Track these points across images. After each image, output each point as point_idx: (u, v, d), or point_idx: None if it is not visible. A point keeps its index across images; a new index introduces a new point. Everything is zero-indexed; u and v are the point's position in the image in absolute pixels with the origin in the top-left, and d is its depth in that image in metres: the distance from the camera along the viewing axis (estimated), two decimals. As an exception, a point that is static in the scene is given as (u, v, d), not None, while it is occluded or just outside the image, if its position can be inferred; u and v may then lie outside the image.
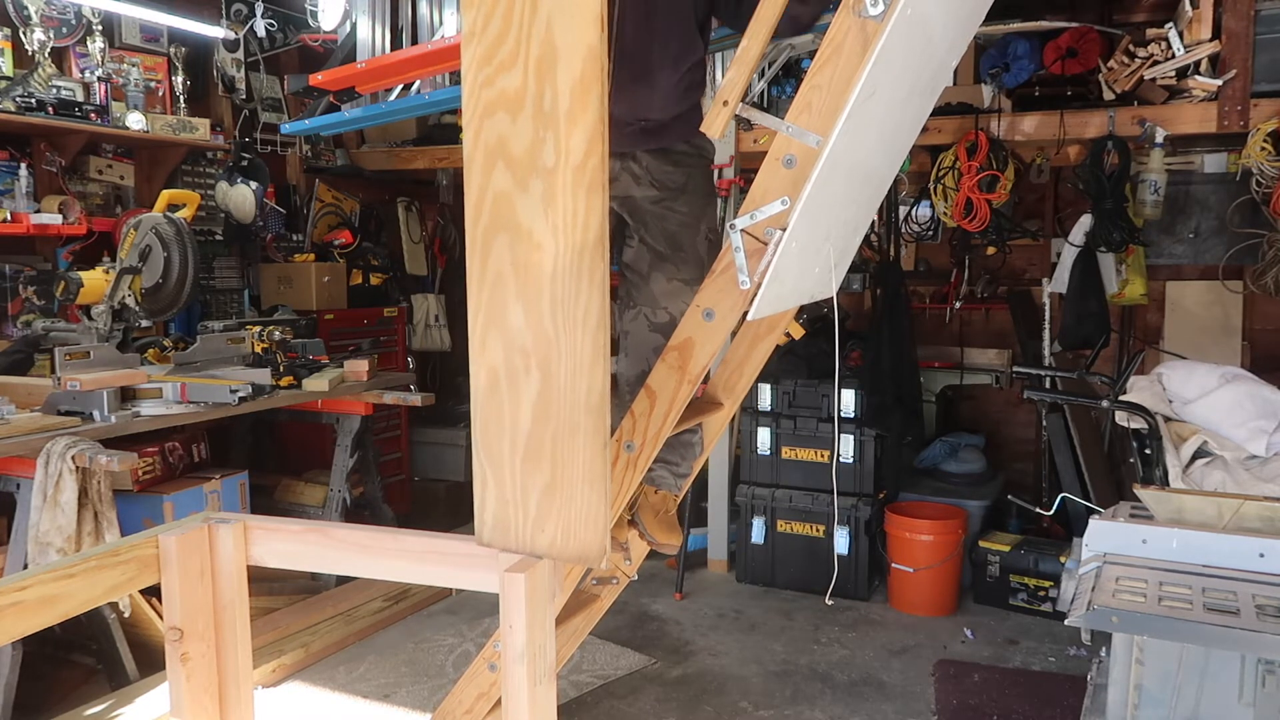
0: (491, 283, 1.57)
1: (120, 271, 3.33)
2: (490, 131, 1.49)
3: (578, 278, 1.59)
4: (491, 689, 1.99)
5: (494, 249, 1.55)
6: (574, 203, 1.54)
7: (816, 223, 1.71)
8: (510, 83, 1.48)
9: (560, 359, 1.62)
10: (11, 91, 3.66)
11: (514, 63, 1.46)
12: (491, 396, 1.61)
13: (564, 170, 1.51)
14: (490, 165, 1.52)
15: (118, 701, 2.95)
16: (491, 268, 1.56)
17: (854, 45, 1.62)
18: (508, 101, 1.49)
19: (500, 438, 1.64)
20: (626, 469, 1.90)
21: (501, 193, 1.52)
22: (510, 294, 1.57)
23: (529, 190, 1.52)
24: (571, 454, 1.65)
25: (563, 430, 1.64)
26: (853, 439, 4.08)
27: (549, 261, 1.57)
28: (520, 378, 1.62)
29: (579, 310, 1.59)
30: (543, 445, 1.62)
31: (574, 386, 1.63)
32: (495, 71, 1.45)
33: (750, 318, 1.72)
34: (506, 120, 1.49)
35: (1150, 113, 3.70)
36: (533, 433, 1.62)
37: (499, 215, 1.54)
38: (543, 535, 1.63)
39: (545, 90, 1.47)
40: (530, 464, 1.63)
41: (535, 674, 1.26)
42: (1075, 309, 4.14)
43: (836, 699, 3.18)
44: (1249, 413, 2.41)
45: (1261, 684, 1.57)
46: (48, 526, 2.67)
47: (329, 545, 1.48)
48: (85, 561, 1.32)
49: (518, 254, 1.56)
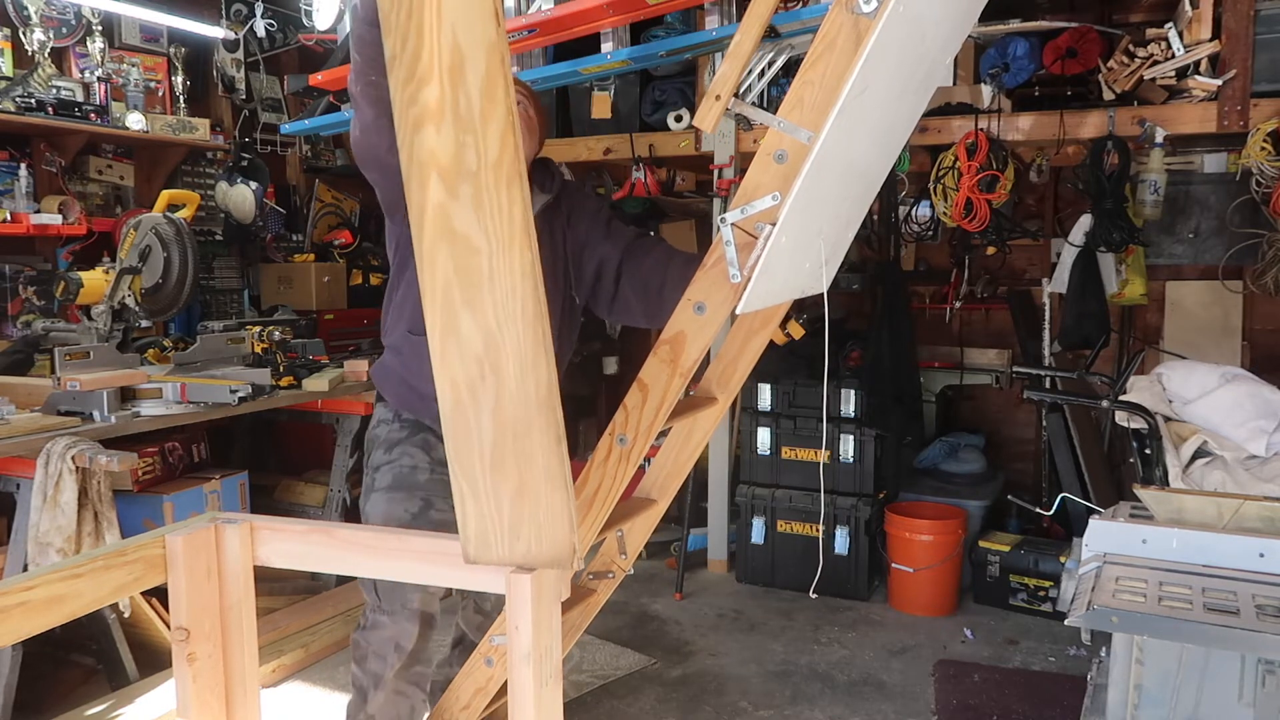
0: (441, 294, 1.57)
1: (120, 271, 3.33)
2: (420, 146, 1.50)
3: (510, 273, 1.59)
4: (489, 684, 1.99)
5: (439, 260, 1.55)
6: (497, 199, 1.53)
7: (808, 218, 1.72)
8: (431, 95, 1.48)
9: (508, 359, 1.62)
10: (11, 91, 3.66)
11: (431, 75, 1.46)
12: (458, 411, 1.60)
13: (485, 170, 1.51)
14: (425, 179, 1.52)
15: (118, 701, 2.95)
16: (439, 279, 1.55)
17: (847, 42, 1.63)
18: (431, 114, 1.49)
19: (471, 452, 1.63)
20: (620, 462, 1.90)
21: (438, 204, 1.52)
22: (458, 302, 1.57)
23: (459, 196, 1.52)
24: (531, 455, 1.64)
25: (520, 431, 1.64)
26: (853, 439, 4.09)
27: (485, 263, 1.56)
28: (479, 386, 1.61)
29: (516, 305, 1.59)
30: (505, 451, 1.62)
31: (523, 385, 1.62)
32: (417, 87, 1.45)
33: (738, 311, 1.72)
34: (432, 132, 1.49)
35: (1150, 113, 3.70)
36: (496, 440, 1.62)
37: (439, 226, 1.53)
38: (519, 543, 1.63)
39: (460, 96, 1.47)
40: (498, 473, 1.62)
41: (542, 675, 1.26)
42: (1075, 309, 4.15)
43: (836, 699, 3.19)
44: (1249, 413, 2.42)
45: (1261, 684, 1.57)
46: (48, 527, 2.67)
47: (334, 546, 1.48)
48: (92, 561, 1.33)
49: (459, 261, 1.56)
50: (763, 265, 1.63)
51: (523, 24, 3.11)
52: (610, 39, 3.38)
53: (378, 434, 2.27)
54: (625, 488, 1.93)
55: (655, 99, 4.39)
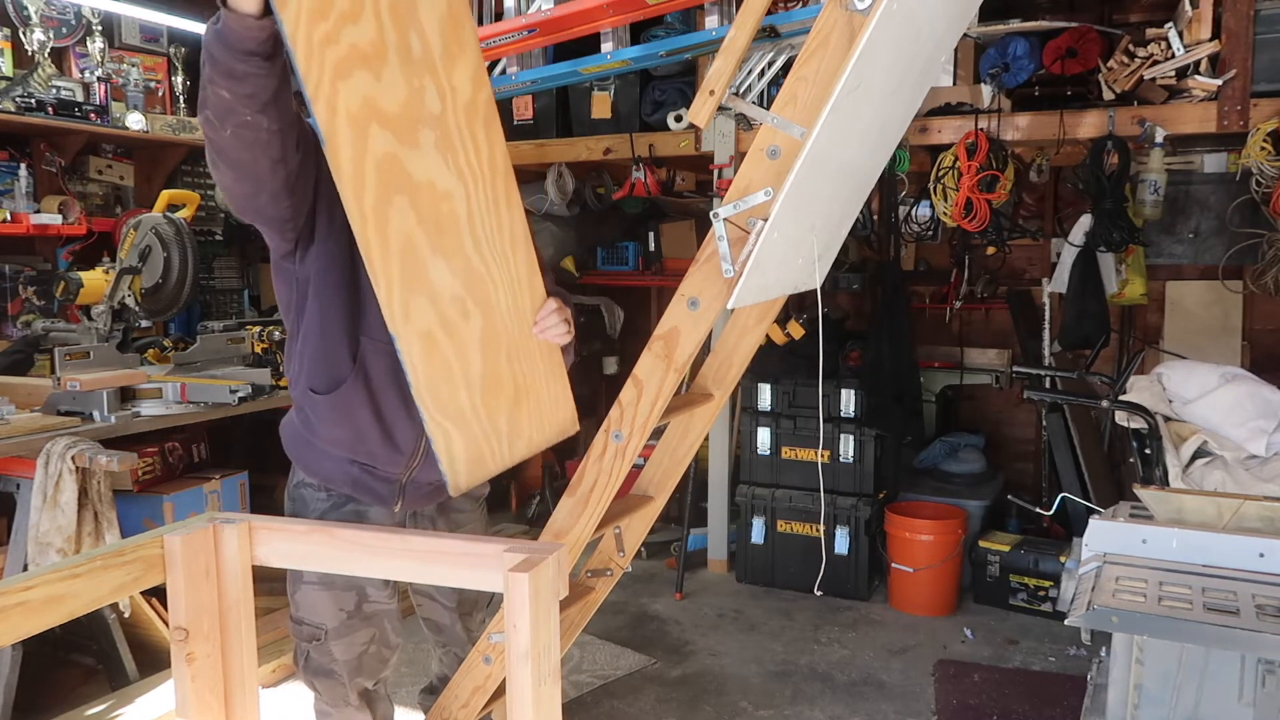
0: (400, 251, 1.47)
1: (120, 271, 3.33)
2: (350, 95, 1.34)
3: (497, 209, 1.56)
4: (487, 682, 1.99)
5: (392, 216, 1.43)
6: (474, 141, 1.46)
7: (800, 214, 1.72)
8: (361, 36, 1.32)
9: (498, 287, 1.64)
10: (11, 91, 3.66)
11: (359, 13, 1.29)
12: (432, 357, 1.58)
13: (454, 111, 1.43)
14: (361, 132, 1.37)
15: (118, 701, 2.95)
16: (395, 236, 1.45)
17: (840, 38, 1.63)
18: (364, 57, 1.32)
19: (454, 390, 1.64)
20: (616, 458, 1.90)
21: (384, 156, 1.39)
22: (425, 253, 1.49)
23: (419, 144, 1.40)
24: (531, 360, 1.72)
25: (516, 344, 1.69)
26: (852, 439, 4.09)
27: (461, 206, 1.51)
28: (460, 325, 1.60)
29: (505, 238, 1.59)
30: (499, 370, 1.67)
31: (518, 305, 1.68)
32: (335, 26, 1.28)
33: (730, 306, 1.72)
34: (368, 78, 1.33)
35: (1150, 113, 3.70)
36: (486, 366, 1.65)
37: (388, 180, 1.41)
38: (519, 442, 1.74)
39: (411, 36, 1.34)
40: (491, 394, 1.66)
41: (540, 674, 1.26)
42: (1075, 309, 4.14)
43: (836, 699, 3.19)
44: (1249, 413, 2.41)
45: (1261, 684, 1.57)
46: (48, 527, 2.67)
47: (333, 545, 1.48)
48: (90, 561, 1.32)
49: (423, 211, 1.46)
50: (755, 260, 1.63)
51: (523, 24, 3.10)
52: (610, 39, 3.38)
53: (303, 496, 1.98)
54: (621, 484, 1.93)
55: (655, 99, 4.39)
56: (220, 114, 1.44)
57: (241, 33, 1.34)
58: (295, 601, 1.95)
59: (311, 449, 1.92)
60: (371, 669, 2.00)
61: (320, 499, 1.94)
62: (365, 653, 1.97)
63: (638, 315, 5.65)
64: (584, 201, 4.95)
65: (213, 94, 1.42)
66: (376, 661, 2.00)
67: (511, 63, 3.79)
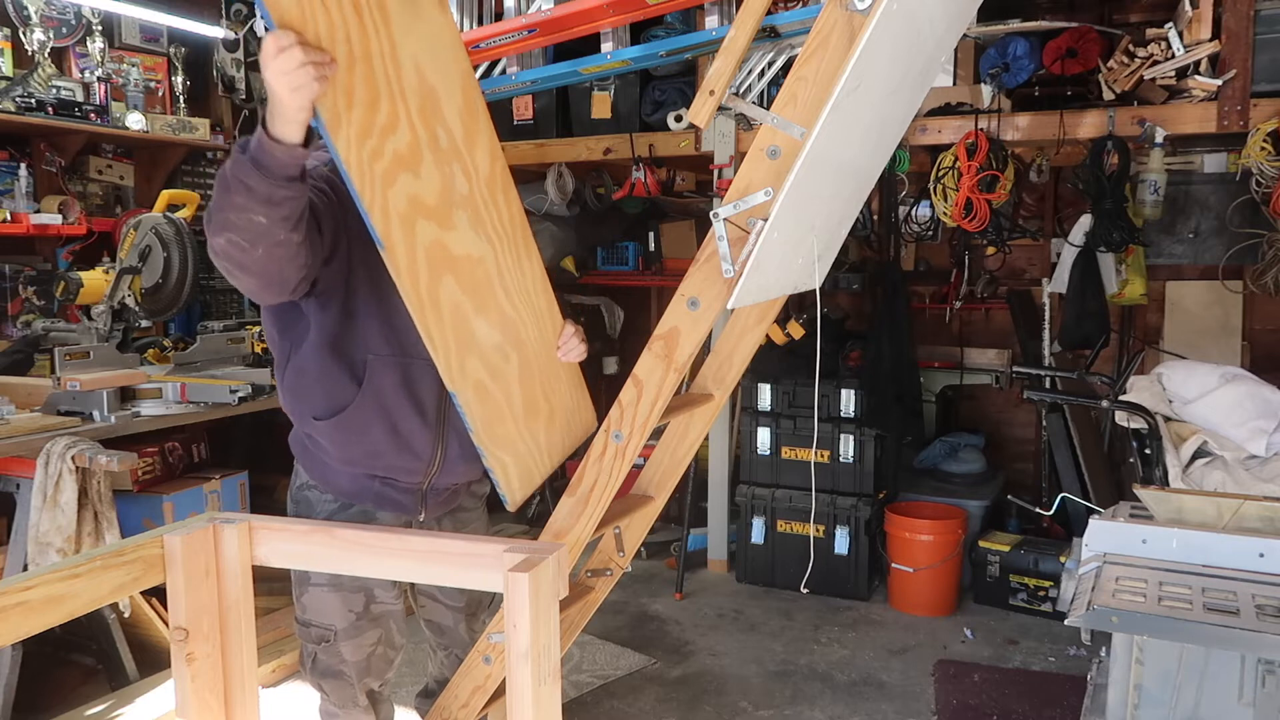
0: (451, 321, 1.60)
1: (120, 271, 3.33)
2: (398, 199, 1.44)
3: (519, 259, 1.70)
4: (487, 682, 1.99)
5: (442, 295, 1.56)
6: (496, 208, 1.59)
7: (800, 214, 1.72)
8: (400, 143, 1.42)
9: (527, 325, 1.79)
10: (11, 91, 3.66)
11: (396, 124, 1.39)
12: (485, 402, 1.72)
13: (479, 187, 1.54)
14: (410, 228, 1.47)
15: (118, 701, 2.95)
16: (446, 310, 1.57)
17: (840, 38, 1.63)
18: (403, 161, 1.42)
19: (504, 423, 1.79)
20: (616, 458, 1.90)
21: (431, 244, 1.50)
22: (470, 316, 1.63)
23: (455, 224, 1.51)
24: (558, 380, 1.88)
25: (545, 370, 1.85)
26: (852, 439, 4.09)
27: (492, 266, 1.64)
28: (503, 367, 1.75)
29: (528, 282, 1.73)
30: (534, 394, 1.82)
31: (543, 336, 1.82)
32: (379, 140, 1.38)
33: (730, 306, 1.72)
34: (410, 179, 1.43)
35: (1150, 113, 3.70)
36: (524, 395, 1.80)
37: (436, 264, 1.53)
38: (555, 451, 1.93)
39: (438, 131, 1.44)
40: (530, 417, 1.82)
41: (540, 674, 1.26)
42: (1075, 309, 4.15)
43: (836, 699, 3.19)
44: (1249, 413, 2.41)
45: (1261, 684, 1.57)
46: (48, 527, 2.67)
47: (333, 545, 1.48)
48: (90, 561, 1.33)
49: (464, 281, 1.59)
50: (755, 260, 1.64)
51: (523, 24, 3.11)
52: (610, 39, 3.38)
53: (308, 498, 1.96)
54: (621, 484, 1.93)
55: (655, 99, 4.39)
56: (252, 237, 1.45)
57: (286, 160, 1.37)
58: (302, 604, 1.94)
59: (328, 469, 1.91)
60: (379, 670, 2.01)
61: (327, 500, 1.93)
62: (373, 654, 1.98)
63: (638, 315, 5.65)
64: (584, 201, 4.95)
65: (243, 220, 1.43)
66: (383, 662, 2.01)
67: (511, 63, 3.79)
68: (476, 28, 3.68)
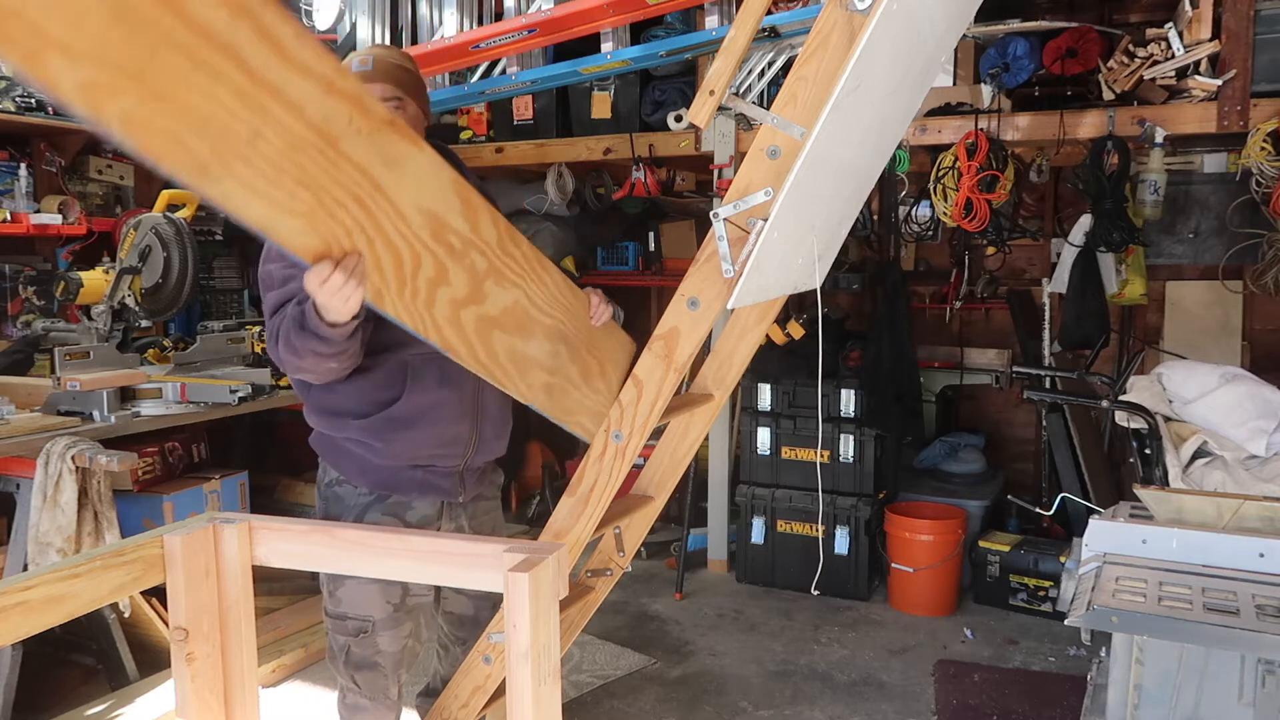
0: (508, 360, 1.76)
1: (120, 271, 3.33)
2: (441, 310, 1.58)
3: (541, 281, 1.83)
4: (487, 682, 2.00)
5: (497, 347, 1.72)
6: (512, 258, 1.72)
7: (800, 214, 1.72)
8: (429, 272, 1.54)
9: (562, 322, 1.90)
10: (11, 91, 3.66)
11: (419, 260, 1.51)
12: (553, 394, 1.88)
13: (494, 254, 1.67)
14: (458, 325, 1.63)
15: (118, 701, 2.95)
16: (503, 356, 1.74)
17: (840, 38, 1.63)
18: (435, 282, 1.55)
19: (569, 397, 1.93)
20: (616, 458, 1.91)
21: (476, 322, 1.66)
22: (521, 346, 1.78)
23: (487, 294, 1.67)
24: (599, 341, 2.02)
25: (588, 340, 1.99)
26: (852, 439, 4.09)
27: (524, 299, 1.78)
28: (557, 361, 1.89)
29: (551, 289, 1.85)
30: (585, 362, 1.98)
31: (576, 319, 1.95)
32: (413, 281, 1.50)
33: (730, 306, 1.72)
34: (445, 290, 1.57)
35: (1150, 113, 3.70)
36: (579, 368, 1.96)
37: (484, 332, 1.70)
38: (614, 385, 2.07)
39: (450, 239, 1.56)
40: (586, 378, 1.99)
41: (540, 674, 1.26)
42: (1075, 309, 4.14)
43: (836, 699, 3.19)
44: (1249, 413, 2.41)
45: (1261, 684, 1.57)
46: (48, 527, 2.67)
47: (333, 545, 1.48)
48: (90, 561, 1.33)
49: (509, 326, 1.76)
50: (755, 260, 1.64)
51: (523, 24, 3.11)
52: (610, 39, 3.38)
53: (339, 494, 1.98)
54: (621, 484, 1.93)
55: (655, 99, 4.39)
56: (322, 373, 1.75)
57: (343, 329, 1.57)
58: (337, 597, 1.96)
59: (367, 463, 1.95)
60: (409, 662, 2.07)
61: (361, 494, 1.96)
62: (406, 645, 2.04)
63: (638, 315, 5.65)
64: (584, 201, 4.95)
65: (316, 363, 1.69)
66: (411, 656, 2.07)
67: (511, 63, 3.80)
68: (476, 28, 3.68)
